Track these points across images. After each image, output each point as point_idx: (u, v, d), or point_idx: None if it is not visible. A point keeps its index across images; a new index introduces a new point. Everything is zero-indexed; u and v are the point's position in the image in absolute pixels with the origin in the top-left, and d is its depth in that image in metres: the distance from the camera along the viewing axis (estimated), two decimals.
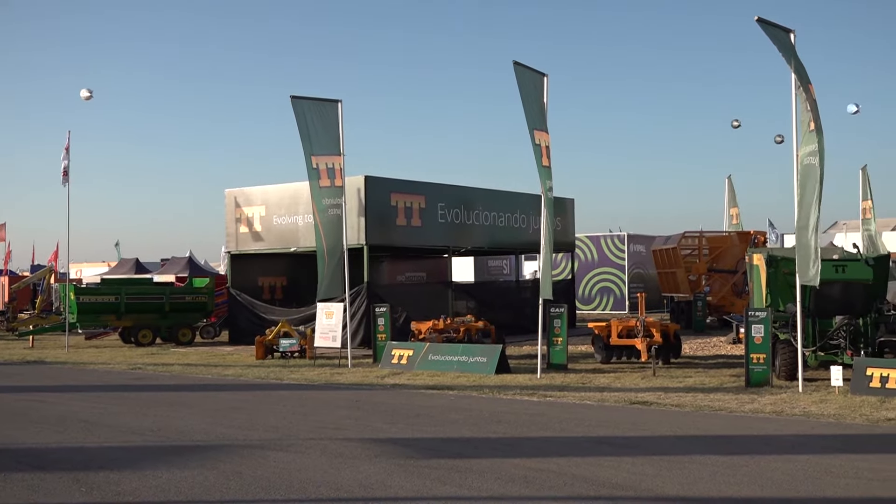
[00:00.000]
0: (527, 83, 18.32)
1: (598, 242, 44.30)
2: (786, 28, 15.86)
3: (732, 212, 41.26)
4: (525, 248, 32.51)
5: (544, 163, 18.33)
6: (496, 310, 28.23)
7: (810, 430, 11.94)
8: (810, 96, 15.38)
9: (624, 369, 19.51)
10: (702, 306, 30.27)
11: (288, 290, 30.99)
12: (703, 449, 10.72)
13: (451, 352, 19.85)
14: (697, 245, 33.70)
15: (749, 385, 16.13)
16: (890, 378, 14.57)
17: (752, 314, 16.49)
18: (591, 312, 42.07)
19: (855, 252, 20.14)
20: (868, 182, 32.96)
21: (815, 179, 15.15)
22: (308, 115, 21.40)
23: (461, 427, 12.61)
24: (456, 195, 28.82)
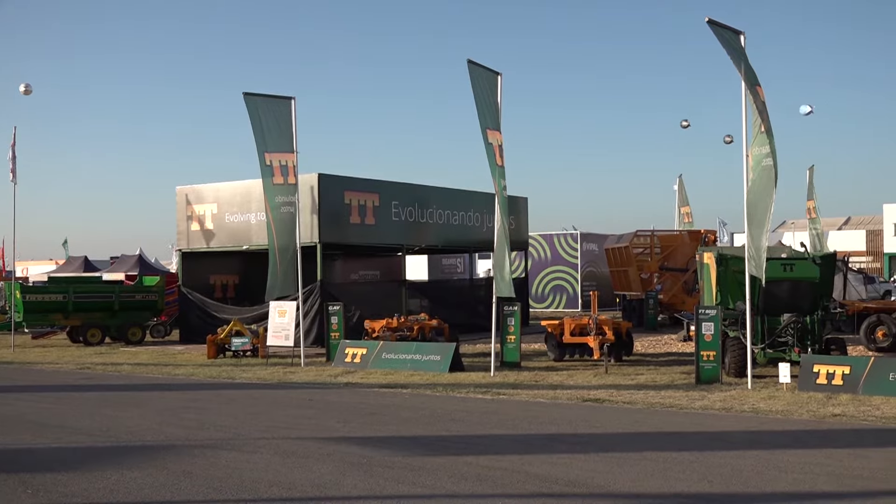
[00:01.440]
0: (480, 82, 18.35)
1: (552, 241, 44.52)
2: (736, 30, 16.06)
3: (684, 211, 41.79)
4: (479, 247, 32.58)
5: (497, 162, 18.37)
6: (450, 308, 28.25)
7: (759, 427, 12.11)
8: (759, 99, 15.59)
9: (577, 367, 19.63)
10: (653, 304, 30.55)
11: (240, 289, 30.72)
12: (654, 445, 10.83)
13: (404, 350, 19.82)
14: (649, 244, 34.02)
15: (699, 382, 16.32)
16: (836, 375, 14.84)
17: (702, 312, 16.70)
18: (545, 311, 42.28)
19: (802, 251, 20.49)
20: (812, 182, 33.56)
21: (771, 181, 15.37)
22: (261, 112, 21.23)
23: (415, 425, 12.60)
24: (410, 193, 28.79)
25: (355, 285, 33.01)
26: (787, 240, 42.23)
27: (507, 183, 18.79)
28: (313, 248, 25.13)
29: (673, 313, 31.20)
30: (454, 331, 23.73)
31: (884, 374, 14.57)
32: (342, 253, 32.43)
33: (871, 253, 53.95)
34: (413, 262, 38.89)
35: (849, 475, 9.07)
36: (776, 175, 15.33)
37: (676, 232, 36.70)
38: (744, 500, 8.24)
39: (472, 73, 18.15)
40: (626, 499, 8.35)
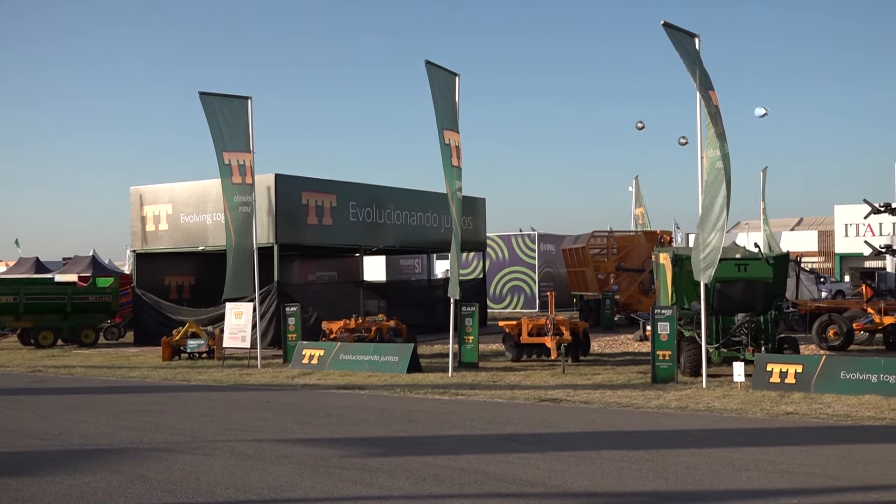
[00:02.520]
0: (439, 83, 18.36)
1: (509, 242, 44.67)
2: (691, 33, 16.24)
3: (639, 212, 42.16)
4: (437, 247, 32.60)
5: (453, 162, 18.39)
6: (408, 309, 28.22)
7: (713, 425, 12.25)
8: (711, 104, 15.78)
9: (534, 367, 19.71)
10: (610, 304, 30.78)
11: (196, 290, 30.42)
12: (611, 444, 10.90)
13: (362, 351, 19.77)
14: (606, 244, 34.27)
15: (655, 381, 16.47)
16: (789, 373, 15.06)
17: (658, 312, 16.85)
18: (502, 311, 42.41)
19: (756, 251, 20.77)
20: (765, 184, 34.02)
21: (723, 184, 15.56)
22: (218, 112, 21.06)
23: (372, 426, 12.56)
24: (367, 194, 28.72)
25: (312, 286, 32.86)
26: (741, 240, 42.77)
27: (464, 184, 18.83)
28: (270, 248, 24.97)
29: (629, 313, 31.46)
30: (412, 331, 23.71)
31: (835, 372, 14.82)
32: (299, 254, 32.27)
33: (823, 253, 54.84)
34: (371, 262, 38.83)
35: (801, 472, 9.20)
36: (728, 179, 15.54)
37: (633, 233, 37.01)
38: (699, 497, 8.33)
39: (430, 74, 18.16)
40: (583, 497, 8.40)
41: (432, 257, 38.24)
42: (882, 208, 24.66)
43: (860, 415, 12.69)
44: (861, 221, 42.10)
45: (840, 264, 49.62)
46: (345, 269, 35.54)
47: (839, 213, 47.34)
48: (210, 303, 26.91)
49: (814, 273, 37.84)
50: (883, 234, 41.08)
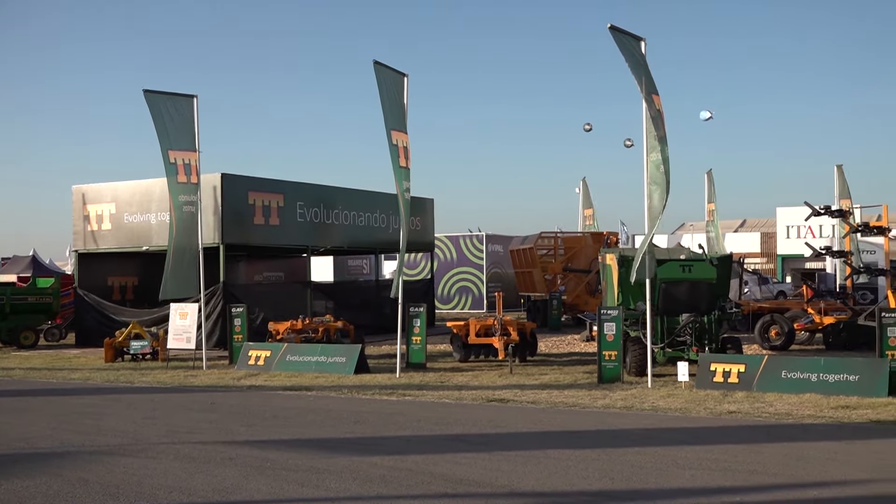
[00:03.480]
0: (387, 83, 18.31)
1: (458, 242, 44.74)
2: (637, 36, 16.40)
3: (587, 213, 42.45)
4: (385, 248, 32.53)
5: (401, 163, 18.37)
6: (355, 310, 28.13)
7: (658, 424, 12.39)
8: (654, 107, 15.97)
9: (482, 367, 19.77)
10: (557, 305, 30.95)
11: (139, 291, 29.97)
12: (558, 444, 10.97)
13: (309, 352, 19.65)
14: (553, 245, 34.46)
15: (601, 381, 16.61)
16: (732, 373, 15.28)
17: (604, 313, 17.00)
18: (450, 312, 42.46)
19: (700, 252, 21.05)
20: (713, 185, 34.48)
21: (663, 187, 15.77)
22: (164, 110, 20.80)
23: (319, 428, 12.50)
24: (315, 194, 28.56)
25: (259, 287, 32.58)
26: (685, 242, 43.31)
27: (412, 184, 18.83)
28: (216, 248, 24.71)
29: (576, 314, 31.63)
30: (360, 332, 23.63)
31: (777, 371, 15.08)
32: (246, 254, 31.99)
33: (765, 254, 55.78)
34: (318, 263, 38.62)
35: (743, 470, 9.35)
36: (667, 182, 15.76)
37: (580, 234, 37.26)
38: (644, 496, 8.41)
39: (378, 74, 18.11)
40: (530, 497, 8.43)
41: (380, 258, 38.15)
42: (822, 210, 25.12)
43: (800, 413, 12.93)
44: (802, 223, 42.84)
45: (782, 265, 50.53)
46: (292, 270, 35.29)
47: (781, 215, 48.17)
48: (154, 304, 26.50)
49: (756, 274, 38.45)
50: (823, 235, 41.85)
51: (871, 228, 24.72)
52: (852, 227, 25.46)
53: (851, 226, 25.52)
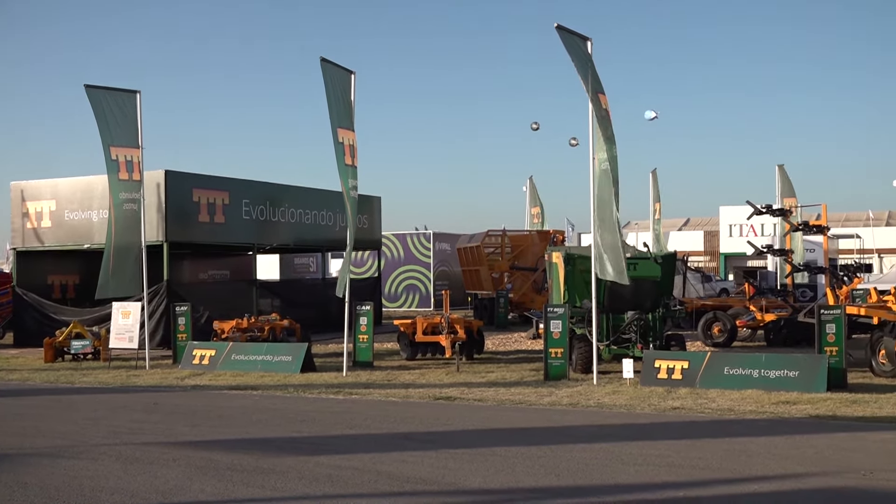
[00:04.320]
0: (334, 81, 18.21)
1: (405, 240, 44.68)
2: (583, 36, 16.51)
3: (534, 211, 42.68)
4: (332, 246, 32.35)
5: (347, 161, 18.27)
6: (302, 308, 27.94)
7: (603, 421, 12.49)
8: (601, 107, 16.09)
9: (429, 366, 19.77)
10: (504, 303, 31.05)
11: (81, 290, 29.40)
12: (504, 441, 11.00)
13: (254, 351, 19.48)
14: (500, 243, 34.58)
15: (547, 378, 16.71)
16: (675, 370, 15.47)
17: (550, 310, 17.09)
18: (398, 310, 42.38)
19: (645, 251, 21.28)
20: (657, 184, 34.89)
21: (611, 186, 15.90)
22: (106, 105, 20.44)
23: (265, 427, 12.39)
24: (261, 192, 28.30)
25: (204, 285, 32.20)
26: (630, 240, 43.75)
27: (360, 182, 18.73)
28: (160, 246, 24.36)
29: (523, 312, 31.81)
30: (306, 331, 23.48)
31: (719, 368, 15.30)
32: (190, 252, 31.57)
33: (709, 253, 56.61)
34: (264, 261, 38.26)
35: (686, 465, 9.47)
36: (615, 181, 15.89)
37: (526, 232, 37.43)
38: (589, 492, 8.47)
39: (324, 72, 18.00)
40: (476, 495, 8.45)
41: (327, 256, 37.95)
42: (764, 209, 25.54)
43: (742, 409, 13.14)
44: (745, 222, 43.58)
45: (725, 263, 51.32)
46: (237, 268, 34.95)
47: (724, 214, 48.92)
48: (95, 303, 26.08)
49: (700, 272, 39.00)
50: (765, 234, 42.62)
51: (811, 227, 25.23)
52: (793, 226, 25.95)
53: (792, 225, 26.00)
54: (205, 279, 34.05)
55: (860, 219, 59.78)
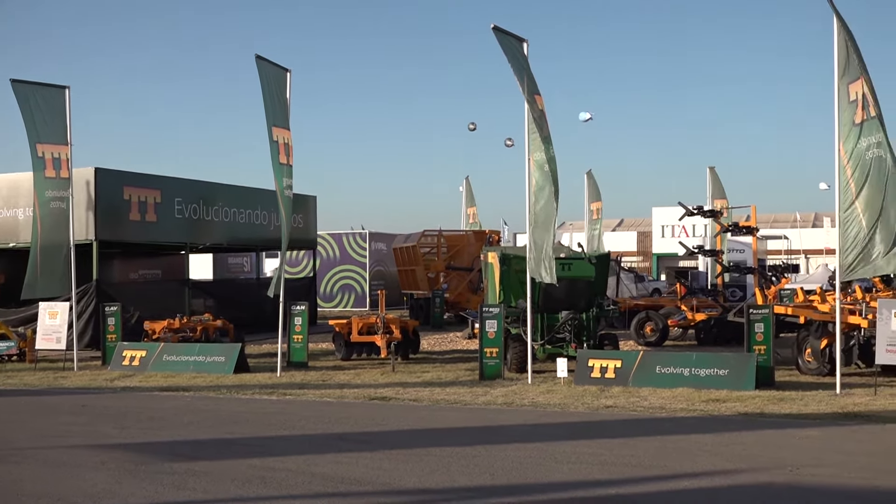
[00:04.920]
0: (269, 78, 18.03)
1: (340, 240, 44.46)
2: (520, 37, 16.60)
3: (470, 211, 42.75)
4: (266, 246, 32.04)
5: (282, 160, 18.09)
6: (236, 308, 27.61)
7: (538, 420, 12.58)
8: (536, 108, 16.20)
9: (364, 366, 19.69)
10: (440, 303, 31.07)
11: (6, 289, 28.55)
12: (439, 441, 11.01)
13: (186, 352, 19.19)
14: (436, 243, 34.58)
15: (483, 378, 16.76)
16: (608, 368, 15.64)
17: (486, 310, 17.15)
18: (333, 310, 42.15)
19: (579, 251, 21.50)
20: (594, 185, 35.21)
21: (550, 186, 16.01)
22: (32, 101, 19.95)
23: (197, 429, 12.22)
24: (194, 190, 27.90)
25: (135, 285, 31.63)
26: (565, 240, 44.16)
27: (295, 181, 18.59)
28: (89, 245, 23.86)
29: (458, 311, 31.85)
30: (240, 331, 23.21)
31: (651, 366, 15.51)
32: (121, 251, 30.99)
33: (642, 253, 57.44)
34: (197, 260, 37.73)
35: (618, 463, 9.58)
36: (553, 181, 16.00)
37: (462, 232, 37.51)
38: (524, 490, 8.52)
39: (260, 69, 17.82)
40: (412, 495, 8.44)
41: (261, 255, 37.59)
42: (695, 210, 26.01)
43: (674, 407, 13.34)
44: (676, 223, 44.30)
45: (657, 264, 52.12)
46: (169, 268, 34.41)
47: (656, 215, 49.69)
48: (21, 303, 25.43)
49: (633, 272, 39.49)
50: (696, 235, 43.37)
51: (741, 228, 25.73)
52: (723, 227, 26.44)
53: (722, 226, 26.49)
54: (135, 279, 33.46)
55: (788, 220, 61.21)
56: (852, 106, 14.41)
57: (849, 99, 14.48)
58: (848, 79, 14.49)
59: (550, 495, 8.36)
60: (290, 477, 9.04)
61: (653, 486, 8.67)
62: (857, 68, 14.30)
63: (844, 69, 14.52)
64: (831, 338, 15.81)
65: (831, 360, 15.84)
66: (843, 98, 14.58)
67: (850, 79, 14.44)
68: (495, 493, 8.47)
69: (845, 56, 14.48)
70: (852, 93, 14.41)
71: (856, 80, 14.33)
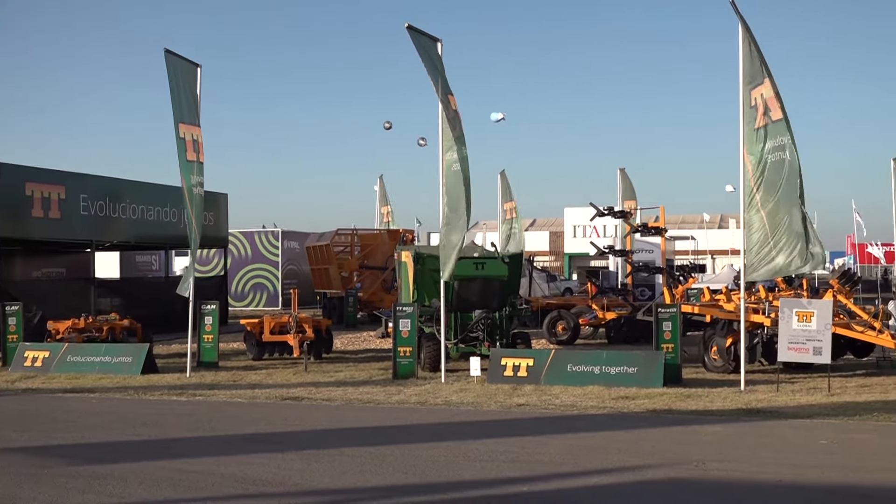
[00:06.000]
0: (178, 73, 17.68)
1: (252, 238, 43.88)
2: (434, 37, 16.63)
3: (384, 210, 42.67)
4: (176, 244, 31.40)
5: (189, 157, 17.75)
6: (144, 307, 26.96)
7: (451, 419, 12.62)
8: (450, 108, 16.26)
9: (276, 365, 19.48)
10: (353, 302, 30.95)
11: None
12: (352, 441, 10.95)
13: (92, 352, 18.69)
14: (350, 242, 34.44)
15: (396, 377, 16.74)
16: (521, 367, 15.78)
17: (399, 309, 17.15)
18: (244, 309, 41.56)
19: (493, 250, 21.64)
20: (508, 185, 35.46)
21: (462, 186, 16.08)
22: None
23: (103, 431, 11.92)
24: (100, 186, 27.16)
25: (38, 283, 30.63)
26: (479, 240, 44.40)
27: (207, 179, 18.30)
28: None
29: (372, 311, 31.77)
30: (148, 331, 22.71)
31: (563, 365, 15.70)
32: (22, 249, 30.01)
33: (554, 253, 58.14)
34: (103, 258, 36.77)
35: (530, 460, 9.68)
36: (466, 180, 16.08)
37: (376, 231, 37.42)
38: (436, 489, 8.53)
39: (168, 64, 17.47)
40: (323, 495, 8.38)
41: (171, 254, 36.85)
42: (606, 211, 26.46)
43: (584, 404, 13.54)
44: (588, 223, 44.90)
45: (569, 263, 52.80)
46: (74, 266, 33.43)
47: (568, 216, 50.27)
48: None
49: (545, 271, 39.94)
50: (607, 235, 44.03)
51: (650, 229, 26.26)
52: (633, 228, 26.94)
53: (632, 226, 26.99)
54: (38, 277, 32.42)
55: (695, 221, 62.73)
56: (754, 111, 14.84)
57: (751, 104, 14.90)
58: (751, 84, 14.91)
59: (463, 493, 8.39)
60: (200, 478, 8.89)
61: (563, 483, 8.79)
62: (760, 72, 14.72)
63: (749, 74, 14.94)
64: (736, 336, 16.27)
65: (736, 357, 16.29)
66: (746, 103, 15.00)
67: (754, 84, 14.86)
68: (408, 492, 8.46)
69: (749, 61, 14.90)
70: (754, 97, 14.84)
71: (758, 85, 14.75)
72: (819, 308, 14.92)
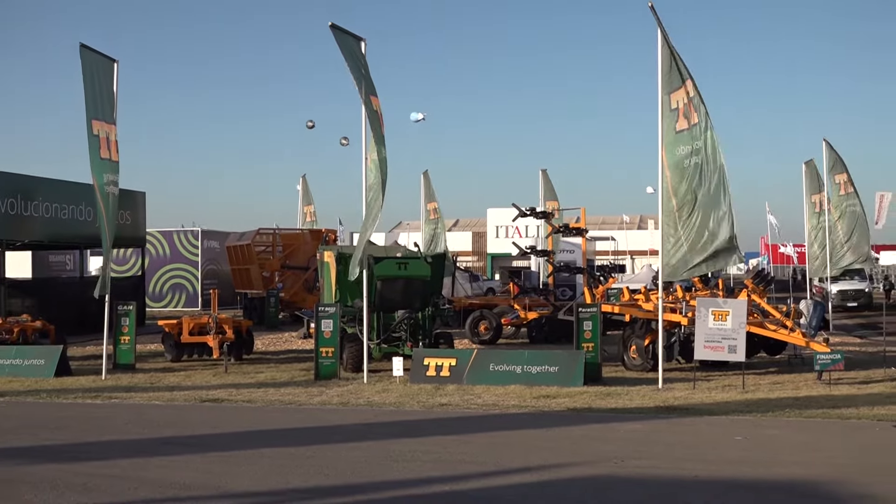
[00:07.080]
0: (93, 69, 17.24)
1: (171, 238, 43.12)
2: (358, 36, 16.56)
3: (307, 210, 42.33)
4: (91, 243, 30.60)
5: (103, 155, 17.32)
6: (58, 308, 26.25)
7: (373, 419, 12.58)
8: (371, 108, 16.22)
9: (195, 367, 19.17)
10: (275, 302, 30.62)
11: None
12: (273, 442, 10.84)
13: (2, 355, 18.14)
14: (271, 242, 34.07)
15: (318, 378, 16.63)
16: (444, 367, 15.81)
17: (321, 310, 17.04)
18: (163, 310, 40.81)
19: (416, 250, 21.66)
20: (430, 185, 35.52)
21: (380, 186, 16.07)
22: None
23: (14, 436, 11.56)
24: (10, 183, 26.33)
25: None
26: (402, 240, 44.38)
27: (122, 177, 17.87)
28: None
29: (294, 311, 31.50)
30: (62, 333, 22.12)
31: (485, 364, 15.78)
32: None
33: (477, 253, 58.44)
34: (14, 258, 35.72)
35: (453, 460, 9.70)
36: (383, 182, 16.08)
37: (298, 231, 37.10)
38: (358, 490, 8.50)
39: (83, 59, 17.02)
40: (243, 498, 8.27)
41: (86, 253, 35.97)
42: (528, 212, 26.67)
43: (506, 403, 13.63)
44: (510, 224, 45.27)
45: (491, 263, 53.16)
46: None
47: (491, 216, 50.66)
48: None
49: (468, 271, 40.10)
50: (529, 235, 44.45)
51: (571, 230, 26.56)
52: (555, 228, 27.22)
53: (554, 227, 27.26)
54: None
55: (615, 222, 63.73)
56: (674, 114, 15.13)
57: (671, 107, 15.19)
58: (670, 88, 15.19)
59: (386, 494, 8.37)
60: (116, 483, 8.69)
61: (485, 482, 8.82)
62: (679, 76, 14.99)
63: (668, 79, 15.21)
64: (654, 335, 16.56)
65: (654, 356, 16.58)
66: (665, 107, 15.28)
67: (673, 88, 15.14)
68: (331, 493, 8.41)
69: (668, 67, 15.17)
70: (674, 101, 15.13)
71: (678, 89, 15.04)
72: (734, 307, 15.29)
